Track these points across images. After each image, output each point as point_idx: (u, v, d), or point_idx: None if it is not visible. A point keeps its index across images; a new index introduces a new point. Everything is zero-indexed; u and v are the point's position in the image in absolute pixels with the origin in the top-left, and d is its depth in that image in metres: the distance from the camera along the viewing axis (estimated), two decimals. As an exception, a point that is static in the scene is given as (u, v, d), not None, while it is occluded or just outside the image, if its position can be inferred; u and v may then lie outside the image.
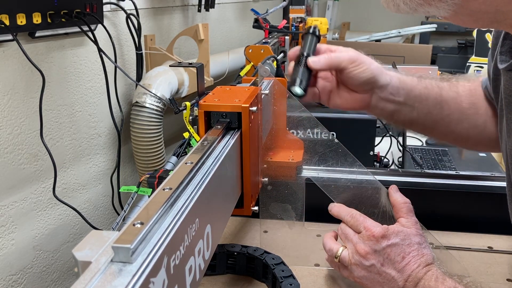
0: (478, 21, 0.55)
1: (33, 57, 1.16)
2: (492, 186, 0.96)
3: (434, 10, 0.54)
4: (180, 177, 0.51)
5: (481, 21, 0.55)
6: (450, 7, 0.52)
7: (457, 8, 0.52)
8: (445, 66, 3.27)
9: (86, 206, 1.50)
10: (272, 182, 0.85)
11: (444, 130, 0.91)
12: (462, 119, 0.90)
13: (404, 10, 0.55)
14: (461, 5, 0.52)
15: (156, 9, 1.81)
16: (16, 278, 1.23)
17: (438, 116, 0.90)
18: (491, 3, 0.51)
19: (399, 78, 0.88)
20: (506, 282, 0.82)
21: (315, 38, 0.89)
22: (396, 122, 0.92)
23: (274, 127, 0.89)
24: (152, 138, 1.56)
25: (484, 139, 0.91)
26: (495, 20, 0.54)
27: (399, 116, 0.90)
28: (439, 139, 0.98)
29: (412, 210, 0.77)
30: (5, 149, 1.16)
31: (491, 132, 0.90)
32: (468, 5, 0.52)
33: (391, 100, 0.87)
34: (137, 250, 0.38)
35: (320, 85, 0.88)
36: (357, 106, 0.88)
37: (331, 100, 0.89)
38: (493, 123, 0.90)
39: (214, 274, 0.83)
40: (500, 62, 0.70)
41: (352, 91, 0.87)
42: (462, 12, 0.53)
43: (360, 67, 0.84)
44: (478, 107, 0.90)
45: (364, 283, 0.73)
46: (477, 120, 0.90)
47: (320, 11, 4.17)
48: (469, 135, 0.91)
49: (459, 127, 0.91)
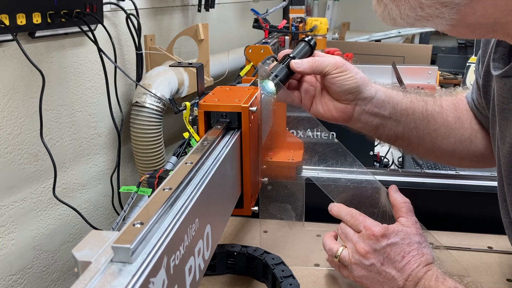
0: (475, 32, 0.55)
1: (33, 57, 1.16)
2: (492, 186, 0.95)
3: (432, 25, 0.53)
4: (180, 177, 0.51)
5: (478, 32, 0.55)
6: (448, 22, 0.52)
7: (455, 22, 0.52)
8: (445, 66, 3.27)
9: (86, 206, 1.50)
10: (272, 182, 0.85)
11: (430, 146, 0.89)
12: (448, 134, 0.89)
13: (401, 24, 0.55)
14: (459, 20, 0.51)
15: (156, 9, 1.81)
16: (16, 278, 1.23)
17: (425, 131, 0.88)
18: (489, 16, 0.51)
19: (385, 92, 0.86)
20: (506, 282, 0.82)
21: (308, 46, 0.87)
22: (380, 137, 0.90)
23: (274, 127, 0.89)
24: (152, 138, 1.56)
25: (470, 153, 0.90)
26: (491, 31, 0.54)
27: (383, 130, 0.87)
28: (423, 156, 0.95)
29: (412, 210, 0.77)
30: (5, 149, 1.16)
31: (476, 146, 0.90)
32: (466, 19, 0.52)
33: (375, 113, 0.85)
34: (137, 250, 0.38)
35: (303, 89, 0.86)
36: (339, 116, 0.85)
37: (313, 106, 0.87)
38: (479, 138, 0.90)
39: (214, 274, 0.83)
40: (494, 69, 0.70)
41: (335, 100, 0.85)
42: (459, 25, 0.53)
43: (344, 74, 0.82)
44: (463, 121, 0.90)
45: (364, 282, 0.73)
46: (463, 134, 0.89)
47: (320, 11, 4.17)
48: (455, 150, 0.90)
49: (446, 142, 0.89)
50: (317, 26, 2.12)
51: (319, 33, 2.14)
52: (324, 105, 0.86)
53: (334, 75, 0.81)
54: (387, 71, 2.05)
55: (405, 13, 0.53)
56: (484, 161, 0.92)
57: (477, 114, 0.89)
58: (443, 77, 3.12)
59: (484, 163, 0.92)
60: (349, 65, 0.83)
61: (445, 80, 3.12)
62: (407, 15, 0.53)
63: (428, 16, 0.52)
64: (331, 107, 0.85)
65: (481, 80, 0.80)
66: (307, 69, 0.82)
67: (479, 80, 0.83)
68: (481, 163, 0.92)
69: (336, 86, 0.82)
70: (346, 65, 0.82)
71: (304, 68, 0.82)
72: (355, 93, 0.83)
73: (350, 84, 0.82)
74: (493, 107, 0.74)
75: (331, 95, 0.85)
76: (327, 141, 0.83)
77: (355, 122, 0.86)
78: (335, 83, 0.82)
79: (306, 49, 0.87)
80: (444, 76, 3.18)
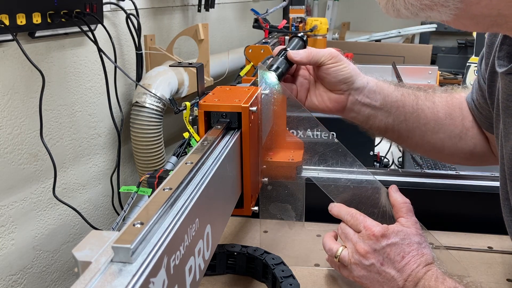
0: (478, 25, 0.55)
1: (33, 57, 1.16)
2: (492, 186, 0.96)
3: (436, 14, 0.53)
4: (180, 177, 0.51)
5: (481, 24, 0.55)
6: (452, 11, 0.52)
7: (459, 12, 0.52)
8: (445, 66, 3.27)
9: (86, 206, 1.50)
10: (272, 182, 0.85)
11: (419, 140, 0.91)
12: (437, 129, 0.90)
13: (405, 15, 0.55)
14: (463, 9, 0.51)
15: (156, 9, 1.81)
16: (16, 278, 1.23)
17: (414, 124, 0.90)
18: (493, 7, 0.51)
19: (376, 83, 0.89)
20: (506, 282, 0.82)
21: (301, 42, 0.90)
22: (371, 127, 0.92)
23: (274, 127, 0.89)
24: (152, 138, 1.56)
25: (459, 150, 0.91)
26: (495, 24, 0.54)
27: (374, 121, 0.89)
28: (412, 149, 0.97)
29: (411, 210, 0.77)
30: (5, 149, 1.16)
31: (466, 144, 0.91)
32: (470, 9, 0.52)
33: (367, 103, 0.87)
34: (137, 250, 0.38)
35: (298, 82, 0.89)
36: (333, 107, 0.88)
37: (308, 98, 0.90)
38: (469, 136, 0.91)
39: (214, 274, 0.83)
40: (499, 66, 0.70)
41: (329, 91, 0.88)
42: (463, 16, 0.53)
43: (339, 64, 0.84)
44: (454, 118, 0.91)
45: (364, 282, 0.73)
46: (453, 131, 0.90)
47: (320, 11, 4.17)
48: (444, 146, 0.91)
49: (435, 137, 0.91)
50: (317, 26, 2.12)
51: (319, 33, 2.14)
52: (319, 96, 0.89)
53: (329, 65, 0.84)
54: (387, 71, 2.06)
55: (410, 2, 0.52)
56: (473, 159, 0.93)
57: (476, 115, 0.90)
58: (443, 77, 3.12)
59: (473, 161, 0.94)
60: (342, 56, 0.86)
61: (445, 80, 3.12)
62: (412, 4, 0.52)
63: (432, 4, 0.52)
64: (326, 98, 0.88)
65: (486, 81, 0.80)
66: (304, 58, 0.84)
67: (481, 81, 0.84)
68: (470, 160, 0.94)
69: (331, 76, 0.85)
70: (339, 56, 0.85)
71: (301, 58, 0.84)
72: (348, 83, 0.86)
73: (344, 74, 0.85)
74: (497, 105, 0.74)
75: (325, 86, 0.88)
76: (327, 141, 0.83)
77: (349, 112, 0.89)
78: (330, 73, 0.85)
79: (300, 44, 0.90)
80: (444, 76, 3.18)
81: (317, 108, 0.89)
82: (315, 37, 2.14)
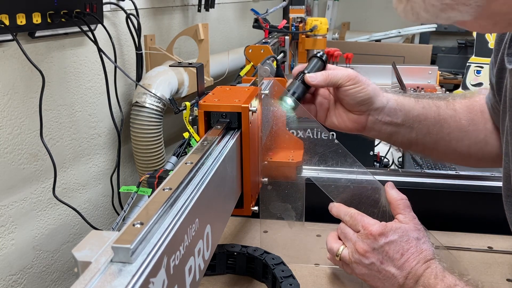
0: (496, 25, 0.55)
1: (33, 57, 1.16)
2: (492, 186, 0.96)
3: (457, 14, 0.52)
4: (180, 177, 0.51)
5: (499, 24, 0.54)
6: (474, 10, 0.51)
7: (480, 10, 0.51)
8: (445, 66, 3.27)
9: (86, 206, 1.50)
10: (272, 182, 0.85)
11: (445, 150, 0.91)
12: (462, 137, 0.90)
13: (424, 18, 0.53)
14: (483, 7, 0.51)
15: (156, 9, 1.81)
16: (16, 278, 1.23)
17: (439, 135, 0.90)
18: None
19: (396, 100, 0.89)
20: (506, 282, 0.82)
21: (320, 62, 0.90)
22: (395, 143, 0.92)
23: (274, 127, 0.89)
24: (152, 138, 1.56)
25: (486, 155, 0.91)
26: None
27: (397, 137, 0.90)
28: (440, 159, 0.98)
29: (409, 206, 0.77)
30: (5, 149, 1.16)
31: (492, 147, 0.90)
32: (490, 7, 0.51)
33: (388, 122, 0.87)
34: (137, 250, 0.38)
35: (318, 102, 0.89)
36: (353, 127, 0.88)
37: (328, 118, 0.90)
38: (494, 138, 0.90)
39: (214, 274, 0.83)
40: (508, 62, 0.70)
41: (348, 111, 0.88)
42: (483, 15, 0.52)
43: (357, 86, 0.84)
44: (477, 123, 0.90)
45: (366, 279, 0.74)
46: (478, 137, 0.90)
47: (320, 11, 4.17)
48: (470, 153, 0.91)
49: (460, 145, 0.90)
50: (317, 26, 2.12)
51: (319, 33, 2.14)
52: (339, 116, 0.89)
53: (347, 87, 0.84)
54: (387, 71, 2.05)
55: (430, 3, 0.51)
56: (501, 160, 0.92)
57: (492, 115, 0.90)
58: (443, 77, 3.12)
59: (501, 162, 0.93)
60: (361, 76, 0.85)
61: (445, 80, 3.12)
62: (432, 4, 0.51)
63: (454, 4, 0.51)
64: (345, 118, 0.88)
65: (494, 78, 0.80)
66: (321, 82, 0.85)
67: (492, 79, 0.84)
68: (498, 162, 0.93)
69: (349, 98, 0.85)
70: (358, 77, 0.85)
71: (318, 82, 0.84)
72: (367, 104, 0.85)
73: (363, 96, 0.84)
74: (504, 102, 0.74)
75: (345, 106, 0.88)
76: (327, 141, 0.83)
77: (369, 131, 0.89)
78: (348, 95, 0.85)
79: (319, 64, 0.90)
80: (444, 76, 3.18)
81: (337, 127, 0.90)
82: (315, 37, 2.14)
